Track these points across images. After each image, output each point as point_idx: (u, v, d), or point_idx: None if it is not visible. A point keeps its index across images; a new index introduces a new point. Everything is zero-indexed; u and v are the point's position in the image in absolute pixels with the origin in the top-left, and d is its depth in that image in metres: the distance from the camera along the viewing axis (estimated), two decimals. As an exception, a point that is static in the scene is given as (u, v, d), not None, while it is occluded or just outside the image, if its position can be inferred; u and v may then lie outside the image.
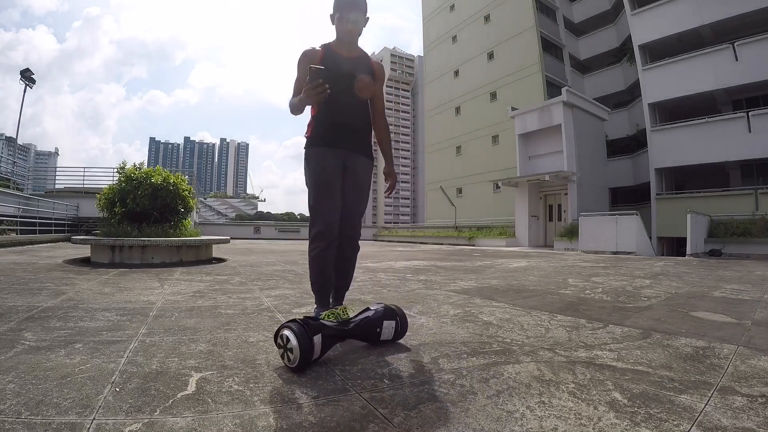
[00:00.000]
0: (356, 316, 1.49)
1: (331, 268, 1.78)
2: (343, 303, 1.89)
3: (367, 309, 1.52)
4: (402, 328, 1.53)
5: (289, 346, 1.22)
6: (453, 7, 25.80)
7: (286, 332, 1.24)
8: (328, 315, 1.50)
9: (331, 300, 1.86)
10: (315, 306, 1.80)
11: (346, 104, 1.73)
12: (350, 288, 2.02)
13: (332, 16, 1.73)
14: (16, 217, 10.38)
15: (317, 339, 1.24)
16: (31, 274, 3.58)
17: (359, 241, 1.92)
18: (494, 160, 21.22)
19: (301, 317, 1.33)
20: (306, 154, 1.78)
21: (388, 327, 1.48)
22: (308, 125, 1.79)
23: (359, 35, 1.77)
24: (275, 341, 1.32)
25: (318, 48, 1.75)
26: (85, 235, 6.20)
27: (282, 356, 1.26)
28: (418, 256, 7.48)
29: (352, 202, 1.81)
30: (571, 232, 11.77)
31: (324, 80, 1.48)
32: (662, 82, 15.08)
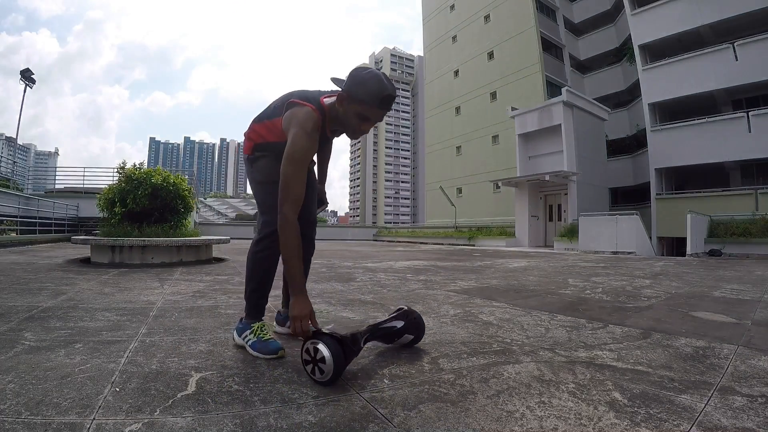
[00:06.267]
0: (383, 323, 1.44)
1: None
2: (344, 304, 1.79)
3: (394, 319, 1.47)
4: (417, 339, 1.53)
5: (320, 359, 1.14)
6: (453, 7, 25.80)
7: (319, 346, 1.15)
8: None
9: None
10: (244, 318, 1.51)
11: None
12: (350, 288, 2.00)
13: (347, 98, 1.31)
14: (16, 217, 10.38)
15: (349, 352, 1.20)
16: (31, 274, 3.58)
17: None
18: (494, 160, 21.23)
19: (328, 328, 1.26)
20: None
21: (405, 339, 1.49)
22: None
23: None
24: (301, 353, 1.22)
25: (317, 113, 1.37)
26: (85, 236, 6.20)
27: (308, 368, 1.18)
28: (418, 256, 7.47)
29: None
30: (571, 232, 11.76)
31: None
32: (662, 82, 15.08)
